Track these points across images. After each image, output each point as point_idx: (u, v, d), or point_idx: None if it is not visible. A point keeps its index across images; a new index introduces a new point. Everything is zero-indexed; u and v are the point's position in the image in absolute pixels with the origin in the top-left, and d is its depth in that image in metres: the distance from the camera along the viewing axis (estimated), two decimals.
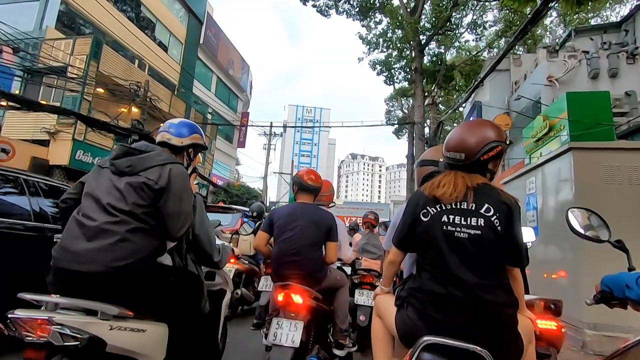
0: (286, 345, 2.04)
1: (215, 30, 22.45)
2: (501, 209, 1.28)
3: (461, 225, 1.29)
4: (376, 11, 20.24)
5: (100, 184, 1.51)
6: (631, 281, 0.99)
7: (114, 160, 1.54)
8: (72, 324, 1.23)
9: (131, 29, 14.38)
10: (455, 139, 1.40)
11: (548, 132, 7.42)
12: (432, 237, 1.32)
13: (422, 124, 12.76)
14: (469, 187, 1.32)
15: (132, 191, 1.47)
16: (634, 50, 11.28)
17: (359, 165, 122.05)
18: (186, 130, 1.77)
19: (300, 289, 2.24)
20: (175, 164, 1.59)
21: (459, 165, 1.38)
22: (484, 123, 1.45)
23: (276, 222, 2.51)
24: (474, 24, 17.90)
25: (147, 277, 1.45)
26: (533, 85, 11.58)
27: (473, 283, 1.23)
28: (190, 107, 17.37)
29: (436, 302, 1.27)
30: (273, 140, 25.96)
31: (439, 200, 1.34)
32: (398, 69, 20.54)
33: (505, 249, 1.27)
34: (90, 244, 1.37)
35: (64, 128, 10.45)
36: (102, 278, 1.34)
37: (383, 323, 1.55)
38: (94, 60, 10.91)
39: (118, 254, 1.37)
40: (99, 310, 1.31)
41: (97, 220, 1.40)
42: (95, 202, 1.46)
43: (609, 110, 6.49)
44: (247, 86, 28.08)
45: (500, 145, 1.34)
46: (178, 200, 1.53)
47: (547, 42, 16.02)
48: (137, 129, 9.19)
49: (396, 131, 30.57)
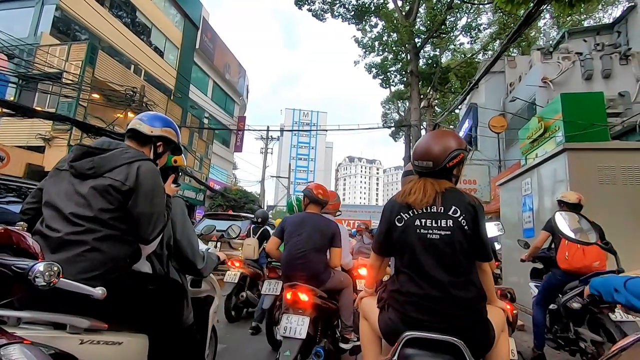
0: (294, 337, 2.31)
1: (211, 34, 22.48)
2: (467, 210, 1.39)
3: (432, 227, 1.38)
4: (371, 15, 20.34)
5: (60, 191, 1.37)
6: (619, 285, 1.00)
7: (74, 163, 1.39)
8: (35, 339, 1.06)
9: (127, 34, 14.39)
10: (422, 149, 1.50)
11: (543, 133, 7.46)
12: (407, 241, 1.41)
13: (419, 127, 12.80)
14: (438, 192, 1.42)
15: (98, 196, 1.34)
16: (627, 51, 11.39)
17: (356, 168, 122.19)
18: (160, 123, 1.63)
19: (306, 289, 2.50)
20: (143, 160, 1.45)
21: (427, 172, 1.49)
22: (447, 133, 1.57)
23: (286, 229, 2.82)
24: (468, 26, 18.04)
25: (122, 286, 1.33)
26: (528, 86, 11.66)
27: (446, 281, 1.33)
28: (187, 112, 17.35)
29: (414, 302, 1.36)
30: (270, 144, 25.97)
31: (411, 206, 1.43)
32: (394, 72, 20.64)
33: (473, 246, 1.38)
34: (54, 256, 1.25)
35: (59, 134, 10.41)
36: (64, 293, 1.14)
37: (369, 324, 1.61)
38: (90, 65, 10.89)
39: (85, 265, 1.26)
40: (67, 324, 1.21)
41: (61, 231, 1.29)
42: (57, 211, 1.33)
43: (603, 111, 6.54)
44: (243, 90, 28.11)
45: (462, 152, 1.47)
46: (149, 200, 1.40)
47: (540, 44, 16.15)
48: None
49: (393, 134, 30.66)
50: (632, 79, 10.84)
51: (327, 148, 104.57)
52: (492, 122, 11.63)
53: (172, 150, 1.76)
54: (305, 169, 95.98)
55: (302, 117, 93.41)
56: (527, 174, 4.35)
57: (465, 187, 8.56)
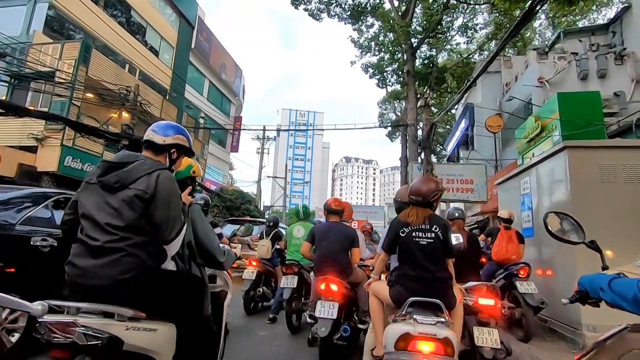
0: (328, 317, 3.02)
1: (207, 34, 22.36)
2: (442, 227, 2.36)
3: (423, 237, 2.32)
4: (368, 15, 20.33)
5: (93, 203, 1.56)
6: (605, 284, 1.06)
7: (101, 178, 1.57)
8: (93, 325, 1.36)
9: (121, 33, 14.24)
10: (416, 189, 2.46)
11: (540, 132, 7.44)
12: (408, 245, 2.34)
13: (415, 126, 12.77)
14: (425, 216, 2.38)
15: (126, 206, 1.52)
16: (622, 51, 11.43)
17: (353, 169, 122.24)
18: (171, 131, 1.78)
19: (336, 280, 3.24)
20: (161, 169, 1.62)
21: (418, 203, 2.44)
22: (431, 180, 2.56)
23: (316, 236, 3.67)
24: (464, 26, 18.07)
25: (153, 283, 1.56)
26: (524, 86, 11.67)
27: (432, 269, 2.27)
28: (182, 112, 17.20)
29: (413, 280, 2.28)
30: (267, 144, 25.86)
31: (409, 224, 2.37)
32: (390, 71, 20.63)
33: (444, 248, 2.33)
34: (96, 260, 1.47)
35: (52, 134, 10.22)
36: (108, 289, 1.45)
37: (377, 298, 2.54)
38: (83, 64, 10.72)
39: (123, 267, 1.46)
40: (115, 313, 1.44)
41: (99, 240, 1.48)
42: (93, 222, 1.52)
43: (599, 110, 6.53)
44: (239, 90, 27.99)
45: (439, 193, 2.45)
46: (166, 205, 1.57)
47: (536, 44, 16.20)
48: (127, 134, 9.02)
49: (389, 134, 30.66)
50: (627, 79, 10.87)
51: (323, 148, 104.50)
52: (488, 122, 11.63)
53: (186, 153, 1.90)
54: (302, 169, 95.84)
55: (299, 118, 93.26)
56: (525, 173, 4.30)
57: (462, 187, 8.53)
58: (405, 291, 2.26)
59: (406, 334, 1.99)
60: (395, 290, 2.34)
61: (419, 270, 2.28)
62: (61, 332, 1.31)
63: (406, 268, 2.33)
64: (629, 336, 1.16)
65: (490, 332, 2.73)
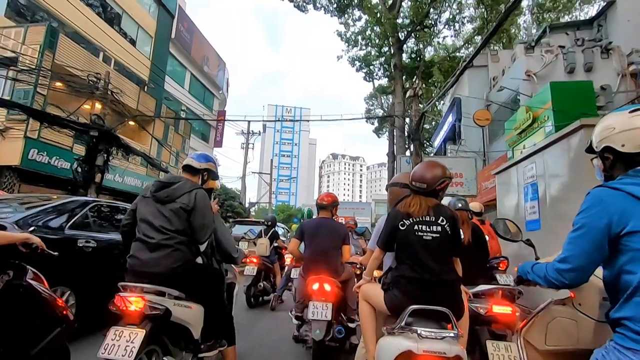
0: (322, 319, 2.93)
1: (188, 24, 21.52)
2: (450, 219, 1.93)
3: (427, 231, 1.89)
4: (354, 8, 19.98)
5: (149, 211, 2.11)
6: (529, 268, 1.43)
7: (155, 193, 2.13)
8: (154, 300, 1.89)
9: (94, 20, 13.40)
10: (419, 174, 2.02)
11: (532, 123, 7.22)
12: (409, 240, 1.91)
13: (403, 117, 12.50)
14: (430, 206, 1.94)
15: (174, 215, 2.08)
16: (608, 45, 11.43)
17: (339, 165, 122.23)
18: (203, 159, 2.41)
19: (330, 280, 3.14)
20: (198, 189, 2.20)
21: (421, 191, 1.99)
22: (438, 164, 2.04)
23: (306, 232, 3.45)
24: (452, 19, 17.91)
25: (191, 272, 2.10)
26: (512, 79, 11.55)
27: (437, 270, 1.84)
28: (161, 104, 16.44)
29: (414, 284, 1.84)
30: (252, 139, 25.24)
31: (411, 215, 1.93)
32: (377, 65, 20.36)
33: (452, 245, 1.92)
34: (153, 254, 2.01)
35: (14, 125, 9.41)
36: (163, 275, 1.98)
37: (368, 304, 2.13)
38: (49, 50, 9.93)
39: (172, 260, 2.01)
40: (166, 292, 1.98)
41: (155, 239, 2.03)
42: (150, 225, 2.07)
43: (593, 100, 6.35)
44: (223, 84, 27.20)
45: (447, 180, 1.99)
46: (202, 215, 2.14)
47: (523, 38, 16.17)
48: (97, 125, 8.35)
49: (376, 130, 30.52)
50: (613, 73, 10.87)
51: (310, 145, 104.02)
52: (476, 116, 11.46)
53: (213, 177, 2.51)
54: (288, 166, 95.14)
55: (285, 113, 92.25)
56: (530, 159, 3.89)
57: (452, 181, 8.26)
58: (404, 297, 1.84)
59: (408, 351, 1.61)
60: (391, 296, 1.91)
61: (421, 271, 1.84)
62: (134, 304, 1.84)
63: (405, 268, 1.89)
64: (554, 307, 1.65)
65: (508, 348, 2.22)
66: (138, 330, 1.78)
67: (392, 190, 2.48)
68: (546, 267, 1.31)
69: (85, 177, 8.31)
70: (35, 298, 1.84)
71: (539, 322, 1.69)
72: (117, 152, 9.26)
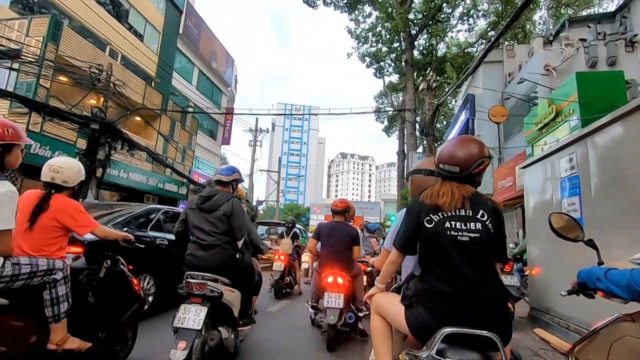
0: (335, 307, 3.42)
1: (196, 20, 21.36)
2: (493, 214, 1.47)
3: (462, 229, 1.44)
4: (365, 3, 19.57)
5: (198, 219, 2.72)
6: (601, 275, 1.21)
7: (201, 205, 2.74)
8: (212, 285, 2.52)
9: (100, 13, 13.26)
10: (448, 154, 1.54)
11: (555, 117, 6.70)
12: (438, 242, 1.45)
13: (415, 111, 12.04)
14: (465, 196, 1.48)
15: (219, 221, 2.70)
16: (633, 37, 10.80)
17: (348, 165, 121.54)
18: (230, 172, 2.96)
19: (342, 274, 3.62)
20: (233, 197, 2.81)
21: (453, 176, 1.52)
22: (473, 140, 1.58)
23: (322, 233, 4.00)
24: (466, 14, 17.35)
25: (233, 264, 2.72)
26: (529, 74, 11.00)
27: (477, 281, 1.39)
28: (168, 99, 16.26)
29: (446, 300, 1.40)
30: (260, 136, 25.01)
31: (440, 208, 1.47)
32: (388, 61, 19.90)
33: (494, 248, 1.46)
34: (206, 252, 2.65)
35: (17, 118, 9.27)
36: (215, 268, 2.62)
37: (383, 319, 1.71)
38: (52, 42, 9.78)
39: (222, 256, 2.66)
40: (219, 279, 2.63)
41: (207, 240, 2.67)
42: (201, 230, 2.69)
43: (623, 91, 5.82)
44: (231, 80, 27.01)
45: (486, 160, 1.51)
46: (239, 218, 2.75)
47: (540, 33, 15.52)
48: (98, 118, 8.14)
49: (386, 129, 30.11)
50: (638, 67, 10.24)
51: (319, 144, 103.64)
52: (492, 112, 10.94)
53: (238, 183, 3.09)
54: (297, 165, 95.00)
55: (294, 112, 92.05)
56: (567, 150, 3.31)
57: None
58: (433, 317, 1.40)
59: None
60: (415, 314, 1.46)
61: (457, 283, 1.39)
62: (198, 288, 2.44)
63: (434, 279, 1.44)
64: (622, 325, 1.31)
65: None
66: (202, 307, 2.38)
67: (413, 179, 2.00)
68: (631, 273, 1.07)
69: (86, 171, 8.10)
70: (125, 280, 2.59)
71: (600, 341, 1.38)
72: (120, 146, 9.02)
